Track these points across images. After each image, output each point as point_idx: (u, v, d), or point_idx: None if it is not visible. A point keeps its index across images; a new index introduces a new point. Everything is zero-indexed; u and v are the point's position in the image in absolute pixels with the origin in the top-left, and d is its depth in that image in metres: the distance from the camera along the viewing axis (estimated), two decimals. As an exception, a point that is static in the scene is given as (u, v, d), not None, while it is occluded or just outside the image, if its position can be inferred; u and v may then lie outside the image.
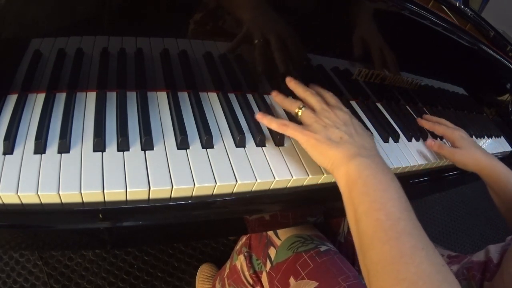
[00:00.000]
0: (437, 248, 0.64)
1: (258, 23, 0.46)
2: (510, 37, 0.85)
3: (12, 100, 0.41)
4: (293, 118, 0.48)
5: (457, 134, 0.62)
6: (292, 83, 0.51)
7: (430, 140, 0.61)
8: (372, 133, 0.45)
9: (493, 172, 0.57)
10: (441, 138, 0.68)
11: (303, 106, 0.46)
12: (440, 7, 0.68)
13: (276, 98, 0.50)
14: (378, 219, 0.33)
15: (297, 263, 0.56)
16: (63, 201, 0.34)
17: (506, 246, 0.51)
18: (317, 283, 0.52)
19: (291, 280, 0.55)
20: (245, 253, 0.66)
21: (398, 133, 0.61)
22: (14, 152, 0.36)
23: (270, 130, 0.48)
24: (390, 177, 0.37)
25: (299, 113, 0.46)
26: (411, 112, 0.73)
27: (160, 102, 0.47)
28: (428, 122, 0.66)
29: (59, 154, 0.37)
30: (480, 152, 0.58)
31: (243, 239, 0.70)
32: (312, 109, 0.46)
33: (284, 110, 0.54)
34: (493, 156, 0.59)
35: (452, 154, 0.60)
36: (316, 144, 0.41)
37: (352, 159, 0.39)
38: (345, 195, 0.39)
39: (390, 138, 0.60)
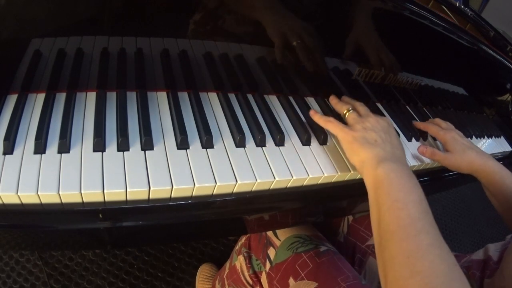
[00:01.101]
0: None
1: (285, 25, 0.48)
2: (510, 37, 0.85)
3: (12, 100, 0.41)
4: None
5: (449, 136, 0.60)
6: (345, 98, 0.58)
7: (422, 147, 0.60)
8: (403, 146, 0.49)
9: (488, 172, 0.56)
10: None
11: (352, 109, 0.51)
12: (440, 7, 0.68)
13: (332, 101, 0.56)
14: (399, 217, 0.36)
15: (297, 264, 0.56)
16: (63, 201, 0.34)
17: (506, 244, 0.51)
18: (317, 284, 0.52)
19: (291, 281, 0.55)
20: (245, 254, 0.66)
21: (398, 133, 0.61)
22: (14, 152, 0.36)
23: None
24: (414, 182, 0.40)
25: (347, 114, 0.51)
26: (411, 112, 0.73)
27: (160, 102, 0.47)
28: (422, 123, 0.65)
29: (59, 154, 0.37)
30: (474, 153, 0.57)
31: (243, 239, 0.70)
32: (358, 114, 0.50)
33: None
34: (488, 156, 0.57)
35: (444, 160, 0.59)
36: (352, 142, 0.45)
37: (381, 162, 0.42)
38: (370, 193, 0.41)
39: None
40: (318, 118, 0.51)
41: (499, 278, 0.44)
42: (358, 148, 0.44)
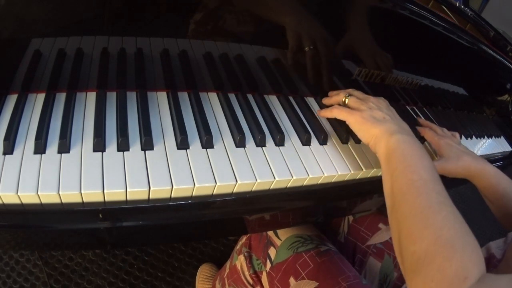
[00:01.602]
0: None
1: (302, 27, 0.50)
2: (510, 37, 0.85)
3: (12, 100, 0.41)
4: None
5: (443, 142, 0.59)
6: (334, 92, 0.58)
7: None
8: None
9: (483, 176, 0.56)
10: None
11: (349, 95, 0.52)
12: (440, 7, 0.68)
13: (326, 100, 0.57)
14: (411, 179, 0.38)
15: (297, 263, 0.56)
16: (63, 201, 0.34)
17: (508, 240, 0.50)
18: (317, 283, 0.52)
19: (291, 280, 0.55)
20: (245, 253, 0.66)
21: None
22: (14, 152, 0.36)
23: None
24: (423, 152, 0.43)
25: (346, 100, 0.52)
26: (411, 112, 0.73)
27: (160, 102, 0.47)
28: (419, 127, 0.64)
29: (59, 154, 0.37)
30: (470, 158, 0.56)
31: (243, 239, 0.70)
32: (357, 98, 0.51)
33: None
34: (483, 160, 0.57)
35: (438, 166, 0.57)
36: (362, 121, 0.47)
37: (393, 134, 0.44)
38: (383, 163, 0.44)
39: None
40: (324, 112, 0.53)
41: (504, 269, 0.43)
42: (370, 126, 0.46)
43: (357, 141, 0.55)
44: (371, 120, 0.47)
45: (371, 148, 0.47)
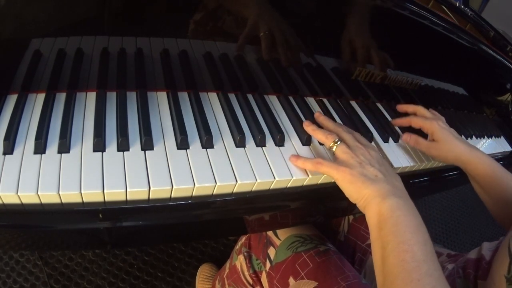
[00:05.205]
0: (436, 247, 0.64)
1: (263, 18, 0.46)
2: (510, 37, 0.85)
3: (12, 100, 0.41)
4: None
5: (435, 125, 0.56)
6: (322, 117, 0.52)
7: (406, 135, 0.57)
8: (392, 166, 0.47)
9: (477, 163, 0.53)
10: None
11: (339, 140, 0.46)
12: (440, 7, 0.68)
13: (307, 128, 0.50)
14: (404, 260, 0.35)
15: (297, 263, 0.56)
16: (63, 201, 0.34)
17: (499, 244, 0.50)
18: (317, 283, 0.52)
19: (291, 280, 0.55)
20: (245, 253, 0.66)
21: (398, 133, 0.61)
22: (14, 152, 0.36)
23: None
24: (419, 221, 0.39)
25: (334, 148, 0.46)
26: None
27: (160, 102, 0.47)
28: (402, 119, 0.62)
29: (59, 154, 0.37)
30: (463, 144, 0.54)
31: (243, 239, 0.70)
32: (346, 144, 0.46)
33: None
34: (475, 147, 0.55)
35: (428, 149, 0.56)
36: (352, 180, 0.42)
37: (386, 197, 0.40)
38: (374, 231, 0.40)
39: (390, 138, 0.60)
40: (303, 163, 0.45)
41: (491, 285, 0.43)
42: (361, 186, 0.41)
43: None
44: (361, 178, 0.41)
45: (360, 209, 0.43)
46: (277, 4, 0.46)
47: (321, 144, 0.51)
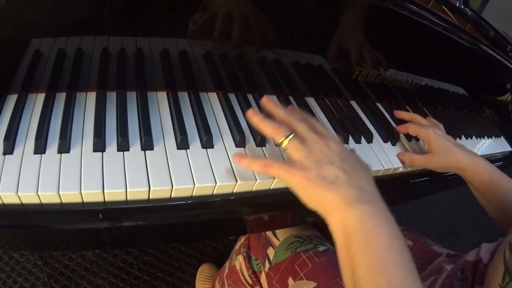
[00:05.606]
0: (435, 246, 0.64)
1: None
2: (510, 37, 0.85)
3: (12, 100, 0.41)
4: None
5: (431, 133, 0.54)
6: (270, 104, 0.43)
7: (400, 154, 0.56)
8: (368, 165, 0.40)
9: (476, 171, 0.52)
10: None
11: (290, 134, 0.38)
12: (440, 7, 0.68)
13: (252, 120, 0.40)
14: (377, 286, 0.31)
15: (296, 263, 0.56)
16: (63, 201, 0.34)
17: (497, 246, 0.49)
18: (316, 283, 0.52)
19: (290, 281, 0.55)
20: (244, 254, 0.66)
21: (398, 133, 0.61)
22: (14, 152, 0.36)
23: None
24: (393, 230, 0.33)
25: (284, 144, 0.38)
26: (411, 112, 0.73)
27: (160, 102, 0.47)
28: (400, 126, 0.60)
29: (59, 154, 0.37)
30: (461, 152, 0.52)
31: (242, 239, 0.70)
32: (299, 138, 0.38)
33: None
34: (474, 153, 0.54)
35: (424, 164, 0.54)
36: (308, 185, 0.35)
37: (351, 205, 0.34)
38: (341, 248, 0.34)
39: (390, 138, 0.60)
40: (248, 163, 0.39)
41: None
42: (319, 190, 0.35)
43: (357, 141, 0.55)
44: (319, 182, 0.35)
45: (321, 216, 0.36)
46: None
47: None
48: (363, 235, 0.33)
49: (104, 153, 0.38)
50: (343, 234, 0.34)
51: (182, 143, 0.42)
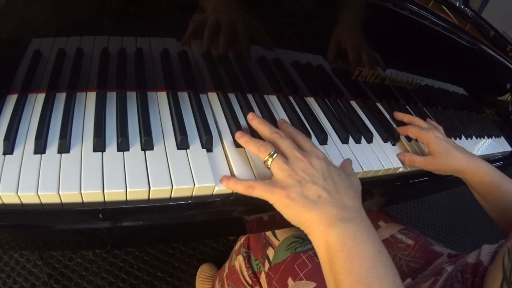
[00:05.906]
0: (437, 246, 0.64)
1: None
2: (510, 37, 0.85)
3: (12, 100, 0.41)
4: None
5: (431, 136, 0.54)
6: (255, 121, 0.44)
7: (400, 155, 0.56)
8: (356, 180, 0.41)
9: (476, 173, 0.52)
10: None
11: (275, 153, 0.39)
12: (440, 7, 0.68)
13: (240, 141, 0.42)
14: None
15: (295, 264, 0.56)
16: (63, 201, 0.34)
17: (498, 248, 0.49)
18: (315, 284, 0.52)
19: (289, 281, 0.55)
20: (244, 254, 0.66)
21: (398, 134, 0.61)
22: (14, 152, 0.36)
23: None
24: (376, 246, 0.34)
25: (269, 162, 0.39)
26: (411, 112, 0.73)
27: (160, 102, 0.47)
28: (400, 128, 0.61)
29: (59, 154, 0.37)
30: (460, 154, 0.53)
31: (242, 239, 0.70)
32: (283, 156, 0.39)
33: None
34: (474, 155, 0.54)
35: (424, 166, 0.55)
36: (290, 204, 0.35)
37: (333, 224, 0.34)
38: (324, 264, 0.35)
39: (390, 139, 0.60)
40: (234, 185, 0.39)
41: None
42: (300, 210, 0.35)
43: (357, 141, 0.55)
44: (301, 201, 0.35)
45: (305, 232, 0.37)
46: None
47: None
48: (345, 253, 0.33)
49: (104, 153, 0.38)
50: (325, 252, 0.35)
51: (182, 143, 0.42)
